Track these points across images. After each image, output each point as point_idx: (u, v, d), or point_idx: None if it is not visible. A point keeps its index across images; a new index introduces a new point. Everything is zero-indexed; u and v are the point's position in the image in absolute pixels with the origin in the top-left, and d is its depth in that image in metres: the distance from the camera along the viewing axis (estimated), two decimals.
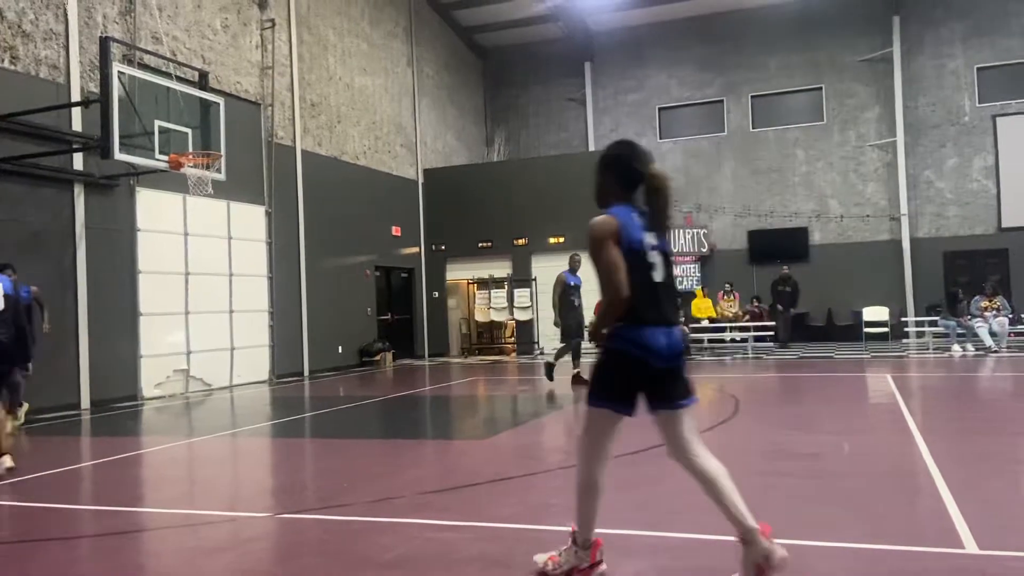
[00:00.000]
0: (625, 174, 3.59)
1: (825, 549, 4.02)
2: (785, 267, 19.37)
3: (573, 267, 12.38)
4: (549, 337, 19.78)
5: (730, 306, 19.71)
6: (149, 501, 6.03)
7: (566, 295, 12.23)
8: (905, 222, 20.63)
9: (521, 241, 20.40)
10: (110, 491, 6.29)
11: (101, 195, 12.00)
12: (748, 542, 3.32)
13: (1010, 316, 16.09)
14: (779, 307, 18.90)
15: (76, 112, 11.50)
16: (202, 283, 13.62)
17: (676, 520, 4.65)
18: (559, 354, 12.63)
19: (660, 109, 23.13)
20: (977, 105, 20.38)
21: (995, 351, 15.37)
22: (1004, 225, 19.95)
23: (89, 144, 11.27)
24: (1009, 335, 16.10)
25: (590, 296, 11.27)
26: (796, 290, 19.13)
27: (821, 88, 21.63)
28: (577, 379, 11.93)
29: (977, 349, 15.66)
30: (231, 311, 14.28)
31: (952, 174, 20.59)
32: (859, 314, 18.90)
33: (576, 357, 12.50)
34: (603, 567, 3.68)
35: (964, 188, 20.48)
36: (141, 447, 8.46)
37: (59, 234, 11.32)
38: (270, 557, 4.35)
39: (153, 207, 12.82)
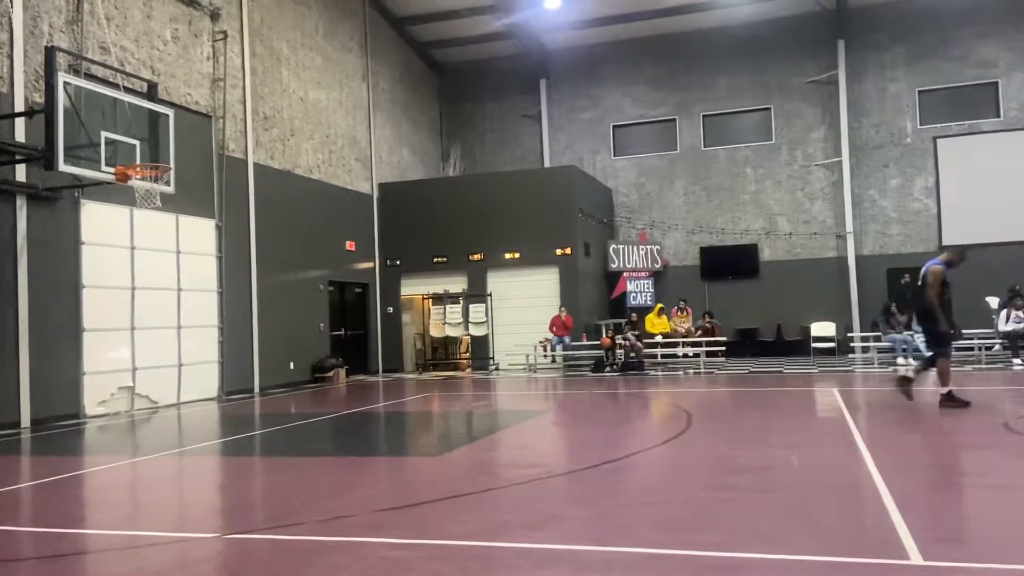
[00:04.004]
0: None
1: (773, 562, 4.07)
2: (907, 275, 18.43)
3: (955, 261, 9.97)
4: (504, 352, 19.82)
5: (683, 322, 19.95)
6: (91, 523, 5.85)
7: (945, 293, 9.82)
8: (850, 240, 21.18)
9: (476, 256, 20.40)
10: (50, 512, 6.09)
11: (44, 207, 11.68)
12: None
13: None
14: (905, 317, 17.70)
15: (19, 122, 11.18)
16: (149, 298, 13.32)
17: (629, 535, 4.68)
18: (941, 369, 9.83)
19: (614, 127, 23.42)
20: (919, 127, 21.09)
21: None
22: (944, 243, 20.55)
23: (32, 155, 10.96)
24: None
25: None
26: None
27: (770, 108, 22.16)
28: (907, 382, 10.00)
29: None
30: (179, 327, 13.99)
31: (895, 193, 21.23)
32: (807, 329, 19.30)
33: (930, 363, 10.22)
34: None
35: (906, 207, 21.13)
36: (83, 467, 8.22)
37: None
38: None
39: (98, 220, 12.51)
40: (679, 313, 20.13)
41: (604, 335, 18.72)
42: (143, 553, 4.73)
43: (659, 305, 20.27)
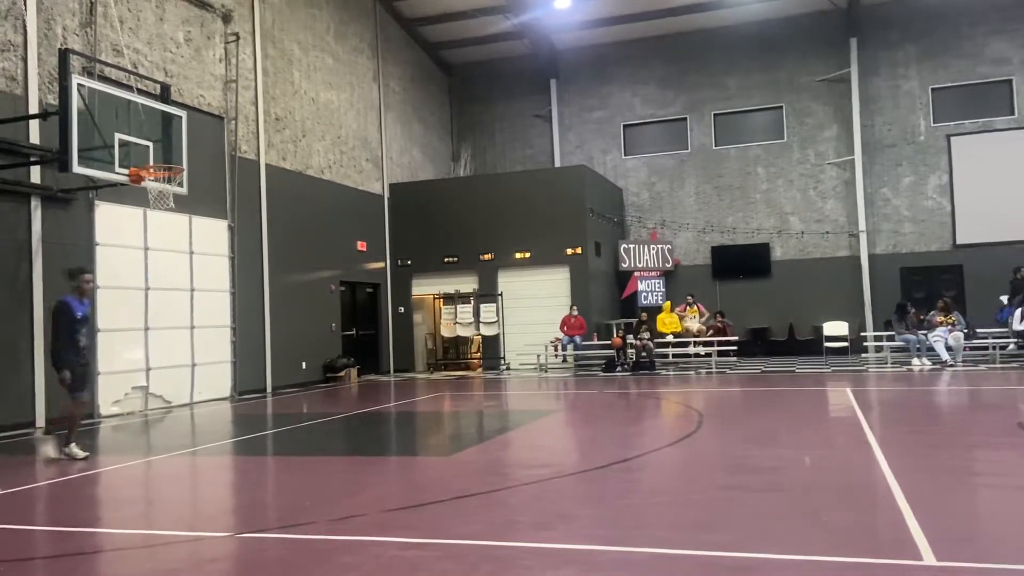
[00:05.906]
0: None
1: (785, 562, 4.06)
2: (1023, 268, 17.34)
3: None
4: (515, 352, 19.82)
5: (693, 318, 19.71)
6: (106, 522, 5.89)
7: None
8: (863, 238, 21.06)
9: (487, 256, 20.41)
10: (65, 511, 6.15)
11: (59, 209, 11.76)
12: None
13: (964, 331, 16.45)
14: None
15: (34, 124, 11.27)
16: (162, 298, 13.40)
17: (640, 535, 4.67)
18: None
19: (625, 126, 23.38)
20: (932, 125, 20.93)
21: (951, 365, 15.71)
22: (958, 242, 20.46)
23: (47, 157, 11.05)
24: (964, 349, 16.45)
25: None
26: None
27: (781, 107, 22.05)
28: None
29: (933, 363, 16.00)
30: (192, 327, 14.06)
31: (908, 192, 21.09)
32: (819, 329, 19.19)
33: None
34: None
35: (919, 206, 20.99)
36: (98, 466, 8.27)
37: (15, 248, 11.07)
38: None
39: (112, 221, 12.59)
40: (688, 309, 19.92)
41: (615, 335, 18.68)
42: (157, 552, 4.77)
43: (667, 303, 20.21)
